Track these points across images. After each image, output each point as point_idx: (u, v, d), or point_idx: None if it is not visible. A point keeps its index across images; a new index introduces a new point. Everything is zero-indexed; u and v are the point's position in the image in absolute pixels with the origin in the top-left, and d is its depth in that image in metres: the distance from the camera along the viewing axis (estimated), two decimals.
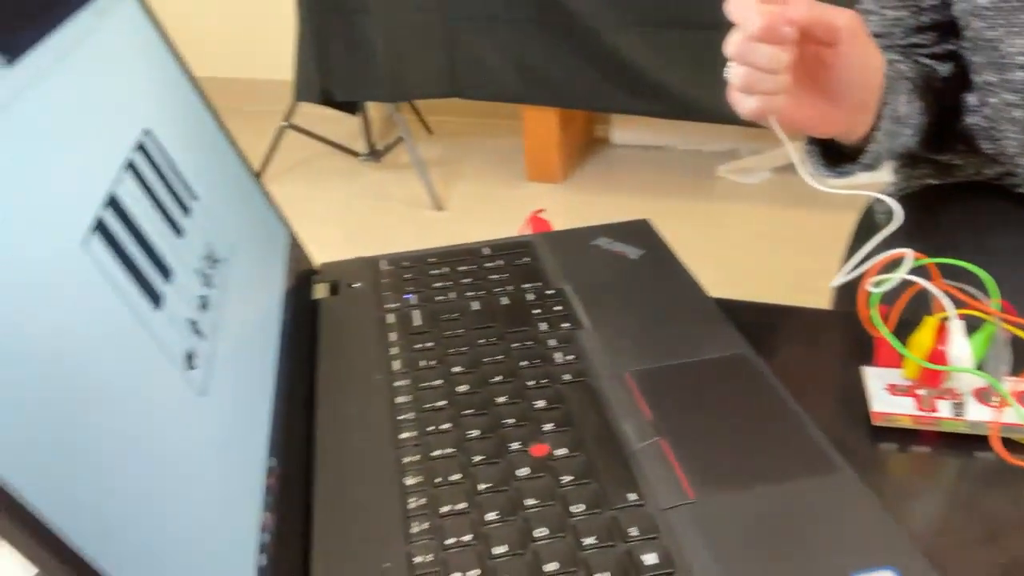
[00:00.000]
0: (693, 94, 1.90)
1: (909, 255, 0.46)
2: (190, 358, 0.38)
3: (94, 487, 0.28)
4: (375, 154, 2.41)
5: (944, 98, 0.69)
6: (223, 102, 0.58)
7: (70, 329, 0.30)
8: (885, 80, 0.59)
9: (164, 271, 0.39)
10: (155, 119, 0.46)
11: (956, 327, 0.46)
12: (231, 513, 0.36)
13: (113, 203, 0.37)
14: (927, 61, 0.70)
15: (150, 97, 0.48)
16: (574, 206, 2.19)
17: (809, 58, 0.53)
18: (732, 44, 0.50)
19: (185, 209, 0.45)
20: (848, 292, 0.80)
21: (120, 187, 0.38)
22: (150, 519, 0.30)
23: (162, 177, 0.43)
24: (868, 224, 0.87)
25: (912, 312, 0.51)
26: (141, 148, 0.42)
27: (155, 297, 0.37)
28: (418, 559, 0.40)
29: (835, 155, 0.65)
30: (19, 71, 0.33)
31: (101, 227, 0.35)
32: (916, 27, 0.69)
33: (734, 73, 0.51)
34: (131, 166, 0.40)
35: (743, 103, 0.52)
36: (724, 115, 2.10)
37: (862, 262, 0.49)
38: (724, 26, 0.52)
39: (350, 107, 2.32)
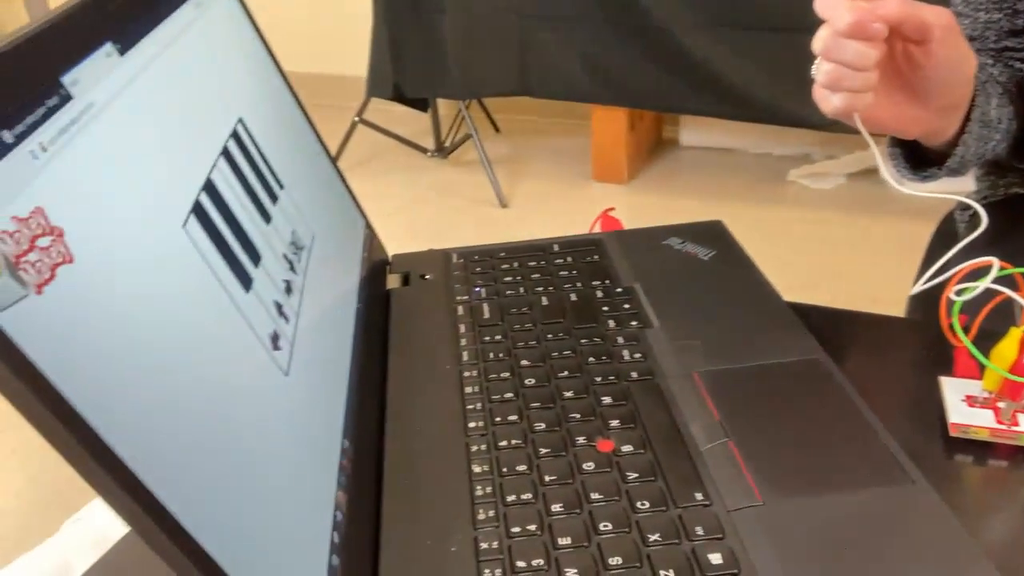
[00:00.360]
0: (767, 97, 1.87)
1: (996, 264, 0.45)
2: (275, 339, 0.39)
3: (188, 452, 0.29)
4: (443, 151, 2.44)
5: None
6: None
7: (173, 305, 0.32)
8: (976, 82, 0.57)
9: (254, 255, 0.41)
10: (248, 109, 0.48)
11: None
12: (309, 489, 0.38)
13: (209, 188, 0.39)
14: (1021, 66, 0.67)
15: (244, 87, 0.50)
16: (639, 207, 2.18)
17: (898, 56, 0.52)
18: (820, 40, 0.49)
19: (273, 197, 0.47)
20: (923, 302, 0.77)
21: (216, 173, 0.40)
22: (237, 488, 0.32)
23: (253, 165, 0.45)
24: (948, 232, 0.85)
25: (990, 322, 0.49)
26: (235, 136, 0.44)
27: (246, 280, 0.39)
28: (484, 545, 0.41)
29: (919, 159, 0.64)
30: (130, 61, 0.35)
31: (199, 210, 0.37)
32: (1010, 30, 0.67)
33: (821, 70, 0.50)
34: (226, 153, 0.42)
35: (828, 100, 0.51)
36: (798, 118, 2.04)
37: (943, 269, 0.48)
38: (800, 29, 0.51)
39: (421, 104, 2.35)
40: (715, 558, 0.39)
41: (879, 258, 1.85)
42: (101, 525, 0.69)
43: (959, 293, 0.46)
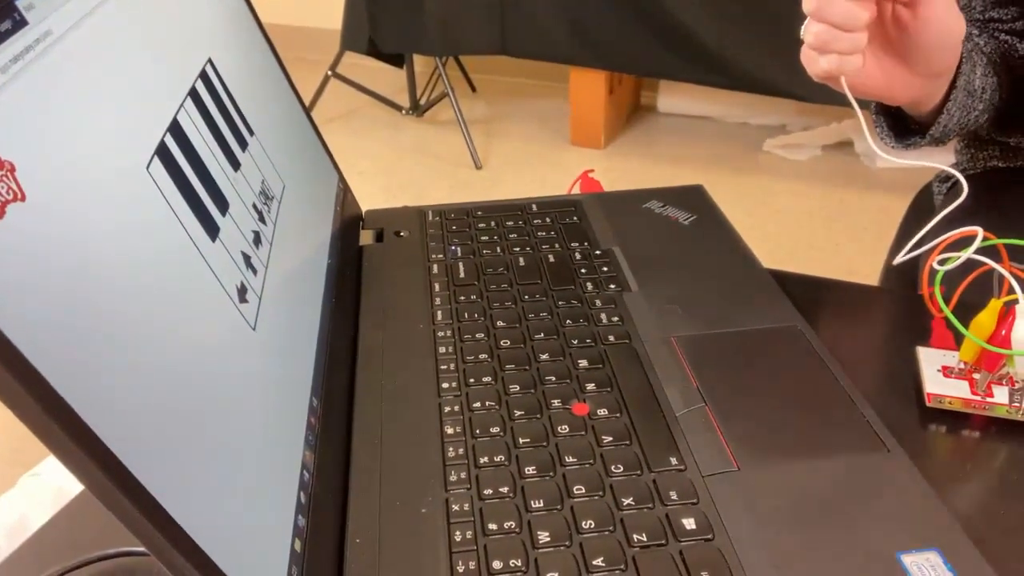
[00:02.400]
0: (747, 65, 1.86)
1: (980, 234, 0.44)
2: (243, 292, 0.38)
3: (148, 407, 0.28)
4: (418, 109, 2.40)
5: (1020, 76, 0.66)
6: None
7: (134, 251, 0.30)
8: (962, 50, 0.56)
9: (221, 203, 0.39)
10: (218, 50, 0.45)
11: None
12: (276, 447, 0.36)
13: (175, 129, 0.37)
14: (1006, 37, 0.67)
15: (215, 27, 0.47)
16: (615, 173, 2.17)
17: (887, 18, 0.51)
18: (810, 0, 0.49)
19: (242, 143, 0.45)
20: (898, 273, 0.78)
21: (183, 114, 0.38)
22: (199, 445, 0.30)
23: (222, 109, 0.43)
24: (924, 205, 0.85)
25: (967, 294, 0.49)
26: (204, 77, 0.42)
27: (213, 228, 0.37)
28: (455, 507, 0.40)
29: (903, 127, 0.63)
30: None
31: (164, 152, 0.35)
32: (995, 1, 0.67)
33: (810, 31, 0.49)
34: (194, 94, 0.40)
35: (816, 62, 0.50)
36: (777, 88, 2.03)
37: (926, 238, 0.47)
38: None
39: (397, 60, 2.30)
40: (689, 523, 0.38)
41: (853, 230, 1.87)
42: (59, 480, 0.67)
43: (942, 263, 0.46)
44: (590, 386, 0.47)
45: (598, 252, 0.59)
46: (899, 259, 0.50)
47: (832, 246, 1.82)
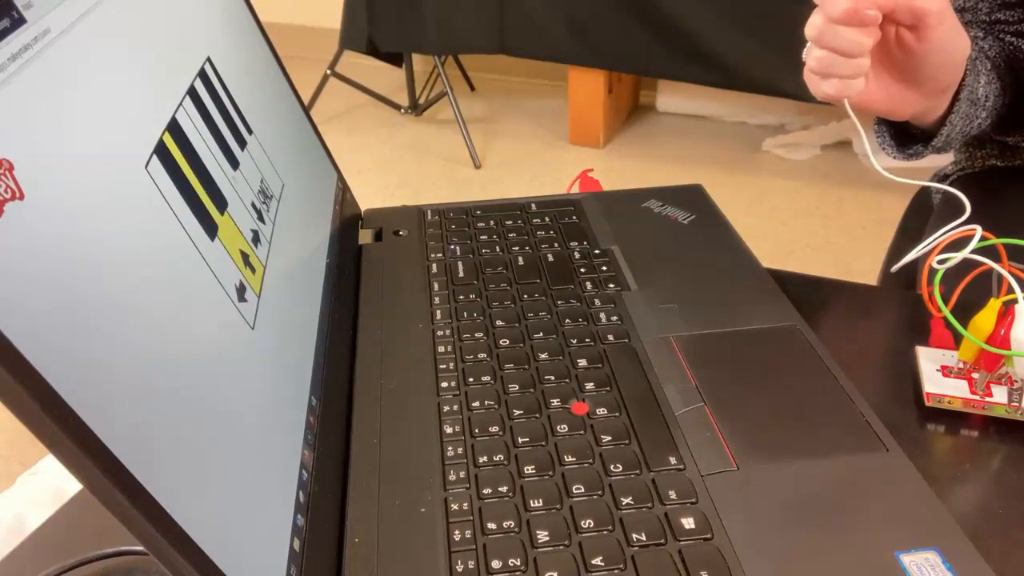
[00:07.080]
0: (746, 64, 1.86)
1: (978, 232, 0.44)
2: (241, 291, 0.38)
3: (146, 406, 0.28)
4: (417, 108, 2.40)
5: None
6: None
7: (133, 250, 0.30)
8: (967, 61, 0.56)
9: (220, 202, 0.39)
10: (217, 49, 0.45)
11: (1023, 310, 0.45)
12: (274, 447, 0.36)
13: (174, 128, 0.36)
14: (1011, 39, 0.66)
15: (213, 26, 0.47)
16: (614, 172, 2.16)
17: (890, 40, 0.51)
18: (813, 26, 0.48)
19: (241, 142, 0.44)
20: (898, 272, 0.78)
21: (181, 113, 0.38)
22: (198, 444, 0.30)
23: (221, 108, 0.43)
24: (923, 205, 0.85)
25: (967, 293, 0.49)
26: (203, 76, 0.42)
27: (211, 227, 0.37)
28: (455, 506, 0.40)
29: (904, 135, 0.63)
30: None
31: (163, 151, 0.35)
32: (1003, 3, 0.66)
33: (812, 55, 0.49)
34: (193, 93, 0.40)
35: (819, 86, 0.50)
36: (776, 87, 2.03)
37: (926, 248, 0.47)
38: None
39: (396, 59, 2.30)
40: (688, 522, 0.38)
41: (852, 230, 1.87)
42: (57, 479, 0.67)
43: (941, 262, 0.46)
44: (589, 385, 0.47)
45: (597, 251, 0.59)
46: (896, 267, 0.50)
47: (831, 245, 1.82)
